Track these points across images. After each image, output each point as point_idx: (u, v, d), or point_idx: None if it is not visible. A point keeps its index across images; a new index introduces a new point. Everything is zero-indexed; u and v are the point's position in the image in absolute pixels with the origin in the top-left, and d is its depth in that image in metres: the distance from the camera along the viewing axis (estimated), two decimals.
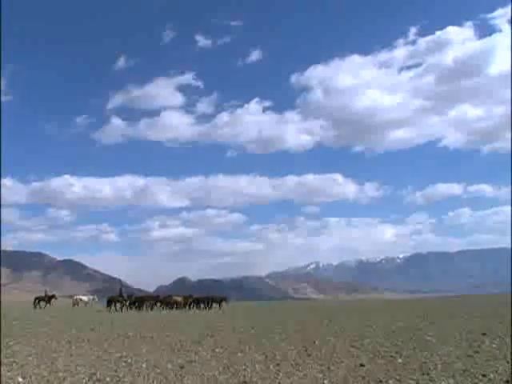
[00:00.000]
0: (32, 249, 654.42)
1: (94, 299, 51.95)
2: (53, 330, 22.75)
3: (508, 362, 11.95)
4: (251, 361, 13.01)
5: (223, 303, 46.28)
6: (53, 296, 54.75)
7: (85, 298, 51.72)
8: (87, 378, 11.09)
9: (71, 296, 53.38)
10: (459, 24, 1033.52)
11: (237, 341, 17.31)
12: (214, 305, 46.74)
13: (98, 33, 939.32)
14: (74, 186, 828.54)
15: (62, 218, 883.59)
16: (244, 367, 12.09)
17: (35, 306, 50.58)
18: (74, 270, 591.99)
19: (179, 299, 46.12)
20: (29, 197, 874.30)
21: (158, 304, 46.98)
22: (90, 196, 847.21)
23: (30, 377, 11.28)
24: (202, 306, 46.09)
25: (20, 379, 11.02)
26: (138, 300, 46.87)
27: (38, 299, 52.87)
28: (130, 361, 13.25)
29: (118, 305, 45.62)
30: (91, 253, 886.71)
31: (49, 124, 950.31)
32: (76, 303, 50.61)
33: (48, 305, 51.38)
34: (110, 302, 45.41)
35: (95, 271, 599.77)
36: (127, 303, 46.01)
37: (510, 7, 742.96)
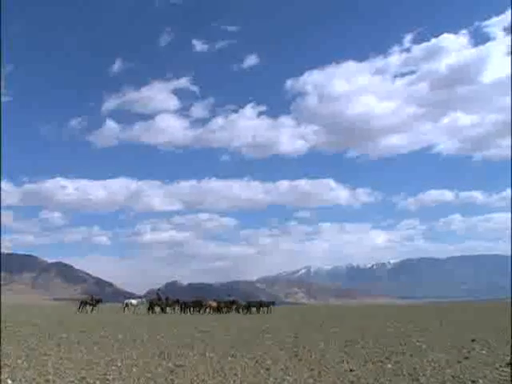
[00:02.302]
0: (23, 251, 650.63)
1: (142, 302, 52.29)
2: (43, 333, 22.61)
3: (497, 369, 12.00)
4: (241, 365, 13.00)
5: (271, 307, 49.12)
6: (99, 300, 54.50)
7: (134, 302, 51.97)
8: (77, 381, 11.04)
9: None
10: (454, 32, 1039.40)
11: (227, 345, 17.29)
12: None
13: (94, 36, 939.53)
14: (67, 188, 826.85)
15: (53, 221, 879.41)
16: (234, 372, 12.08)
17: (80, 310, 49.87)
18: (64, 272, 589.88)
19: (214, 304, 48.14)
20: (21, 199, 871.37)
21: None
22: (83, 198, 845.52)
23: (20, 379, 11.22)
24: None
25: (10, 382, 10.96)
26: (175, 303, 49.25)
27: (84, 303, 52.08)
28: (119, 364, 13.19)
29: (158, 308, 47.30)
30: (82, 255, 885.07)
31: (44, 126, 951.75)
32: (126, 307, 50.99)
33: (94, 309, 50.83)
34: (151, 306, 46.92)
35: (86, 274, 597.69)
36: (166, 306, 47.75)
37: (504, 16, 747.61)
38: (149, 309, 46.55)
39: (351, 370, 12.11)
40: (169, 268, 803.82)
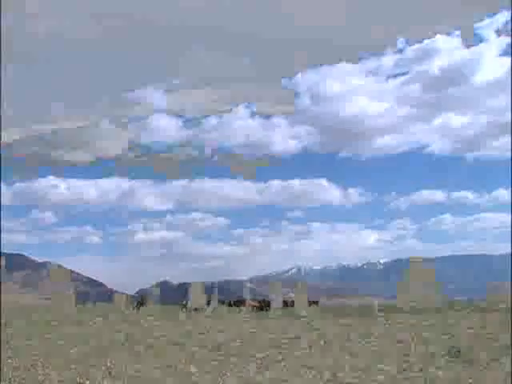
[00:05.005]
0: (13, 250, 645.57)
1: None
2: (33, 332, 22.50)
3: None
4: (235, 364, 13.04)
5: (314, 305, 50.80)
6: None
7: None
8: (67, 381, 11.05)
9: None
10: (447, 33, 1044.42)
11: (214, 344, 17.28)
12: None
13: None
14: (59, 187, 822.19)
15: (44, 220, 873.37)
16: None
17: (137, 309, 50.76)
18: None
19: (254, 303, 48.98)
20: (11, 198, 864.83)
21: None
22: (75, 198, 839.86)
23: (9, 379, 11.21)
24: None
25: None
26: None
27: (140, 303, 53.22)
28: (109, 365, 13.20)
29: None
30: (73, 255, 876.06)
31: None
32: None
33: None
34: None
35: (77, 273, 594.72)
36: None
37: (497, 17, 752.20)
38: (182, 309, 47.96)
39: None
40: (160, 267, 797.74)
